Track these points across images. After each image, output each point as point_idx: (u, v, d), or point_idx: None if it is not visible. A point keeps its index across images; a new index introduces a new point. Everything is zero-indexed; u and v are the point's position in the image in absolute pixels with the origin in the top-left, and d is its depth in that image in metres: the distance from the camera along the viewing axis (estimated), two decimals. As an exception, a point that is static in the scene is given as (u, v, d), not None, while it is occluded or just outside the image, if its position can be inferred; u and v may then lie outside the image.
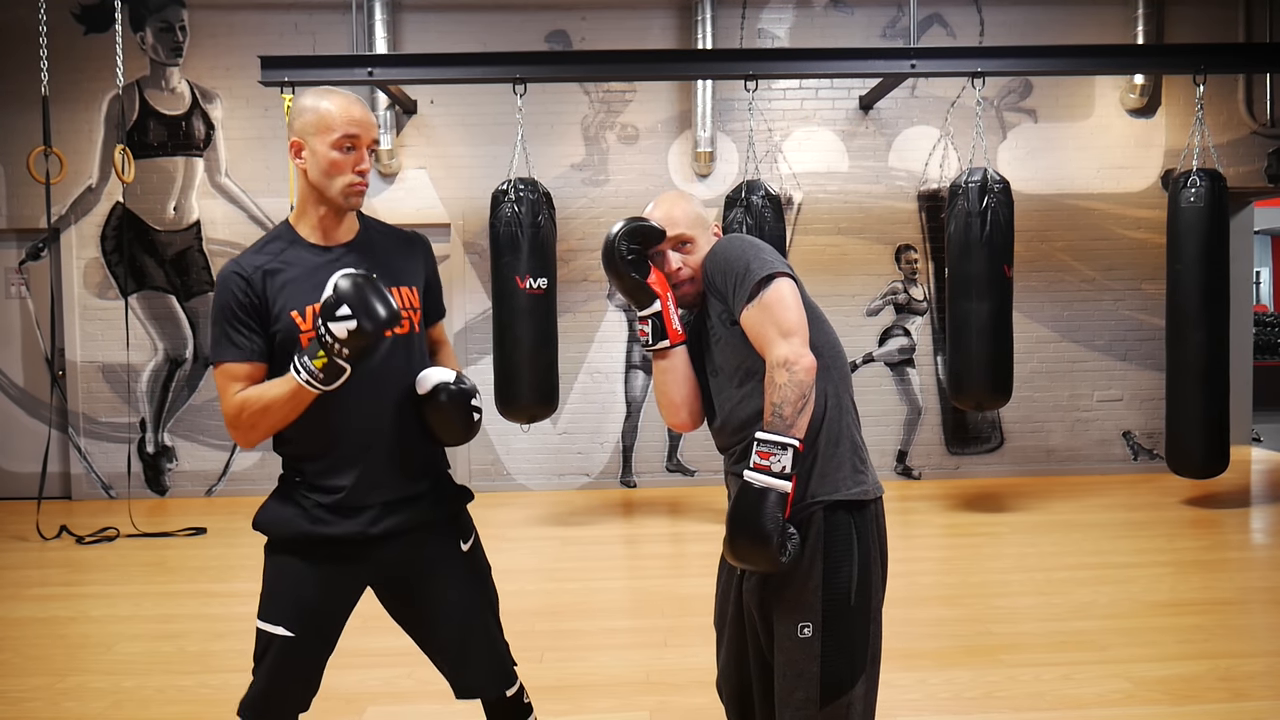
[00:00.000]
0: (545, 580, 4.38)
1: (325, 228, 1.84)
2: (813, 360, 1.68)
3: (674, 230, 1.91)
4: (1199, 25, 6.50)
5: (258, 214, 6.38)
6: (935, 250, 6.50)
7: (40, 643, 3.70)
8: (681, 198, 1.98)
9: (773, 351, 1.69)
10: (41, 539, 5.28)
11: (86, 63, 6.26)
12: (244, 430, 1.79)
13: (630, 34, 6.32)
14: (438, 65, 5.47)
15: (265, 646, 1.84)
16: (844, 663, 1.73)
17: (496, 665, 1.97)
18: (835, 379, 1.81)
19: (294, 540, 1.83)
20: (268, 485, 1.89)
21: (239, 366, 1.78)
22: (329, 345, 1.68)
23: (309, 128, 1.79)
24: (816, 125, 6.49)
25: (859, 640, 1.74)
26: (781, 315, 1.71)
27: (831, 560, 1.74)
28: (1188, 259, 5.16)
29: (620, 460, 6.52)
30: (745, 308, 1.74)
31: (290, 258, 1.81)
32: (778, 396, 1.66)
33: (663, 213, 1.94)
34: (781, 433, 1.65)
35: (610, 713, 2.98)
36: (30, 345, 6.46)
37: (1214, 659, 3.27)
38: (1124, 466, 6.65)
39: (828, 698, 1.72)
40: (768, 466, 1.64)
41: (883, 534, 1.84)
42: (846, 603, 1.73)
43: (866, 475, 1.80)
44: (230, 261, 1.82)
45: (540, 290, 5.07)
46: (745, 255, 1.78)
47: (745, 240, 1.85)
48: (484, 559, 2.01)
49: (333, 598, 1.87)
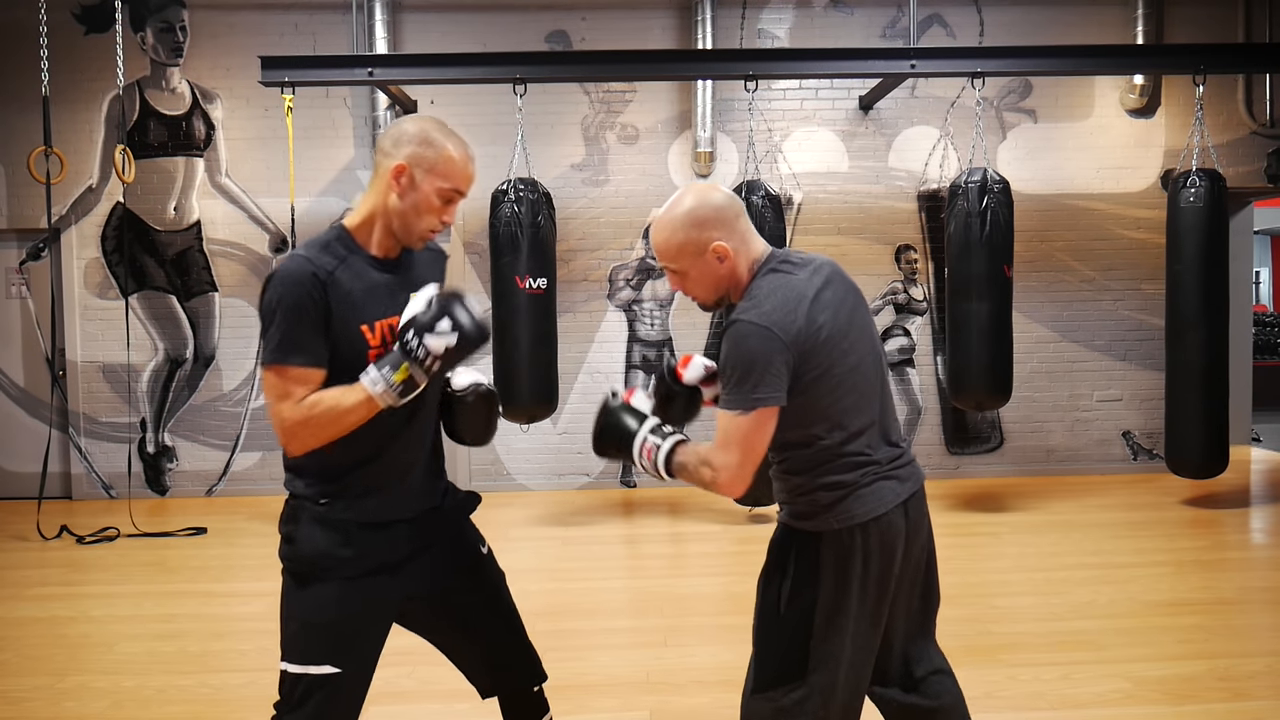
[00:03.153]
0: (545, 580, 4.38)
1: (385, 246, 1.79)
2: (735, 493, 1.80)
3: (661, 261, 1.89)
4: (1199, 25, 6.50)
5: (258, 214, 6.38)
6: (935, 250, 6.50)
7: (40, 643, 3.70)
8: (670, 222, 1.83)
9: (717, 454, 1.77)
10: (42, 539, 5.28)
11: (87, 63, 6.26)
12: (303, 439, 1.69)
13: (630, 34, 6.32)
14: (438, 65, 5.47)
15: (305, 691, 1.73)
16: (774, 663, 1.84)
17: (532, 657, 2.01)
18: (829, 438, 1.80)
19: (335, 567, 1.75)
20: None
21: (308, 372, 1.68)
22: (420, 360, 1.65)
23: (424, 163, 1.72)
24: (816, 125, 6.50)
25: (790, 653, 1.81)
26: (740, 440, 1.75)
27: (774, 574, 1.88)
28: (1187, 259, 5.16)
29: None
30: (725, 411, 1.78)
31: (354, 266, 1.74)
32: (692, 466, 1.80)
33: (651, 236, 1.92)
34: (669, 472, 1.84)
35: (610, 713, 2.98)
36: (31, 345, 6.47)
37: (1214, 659, 3.27)
38: (1123, 466, 6.65)
39: (757, 688, 1.86)
40: (643, 455, 1.87)
41: (875, 560, 1.79)
42: (775, 611, 1.85)
43: (843, 507, 1.79)
44: (298, 259, 1.70)
45: (540, 290, 5.07)
46: (747, 368, 1.73)
47: (750, 343, 1.73)
48: (498, 565, 2.04)
49: (376, 622, 1.82)
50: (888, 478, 1.81)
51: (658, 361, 6.50)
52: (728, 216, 1.82)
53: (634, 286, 6.49)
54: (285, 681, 1.76)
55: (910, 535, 1.84)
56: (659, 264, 1.95)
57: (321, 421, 1.68)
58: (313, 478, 1.78)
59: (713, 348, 6.47)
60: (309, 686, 1.74)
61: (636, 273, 6.48)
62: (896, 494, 1.82)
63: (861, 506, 1.78)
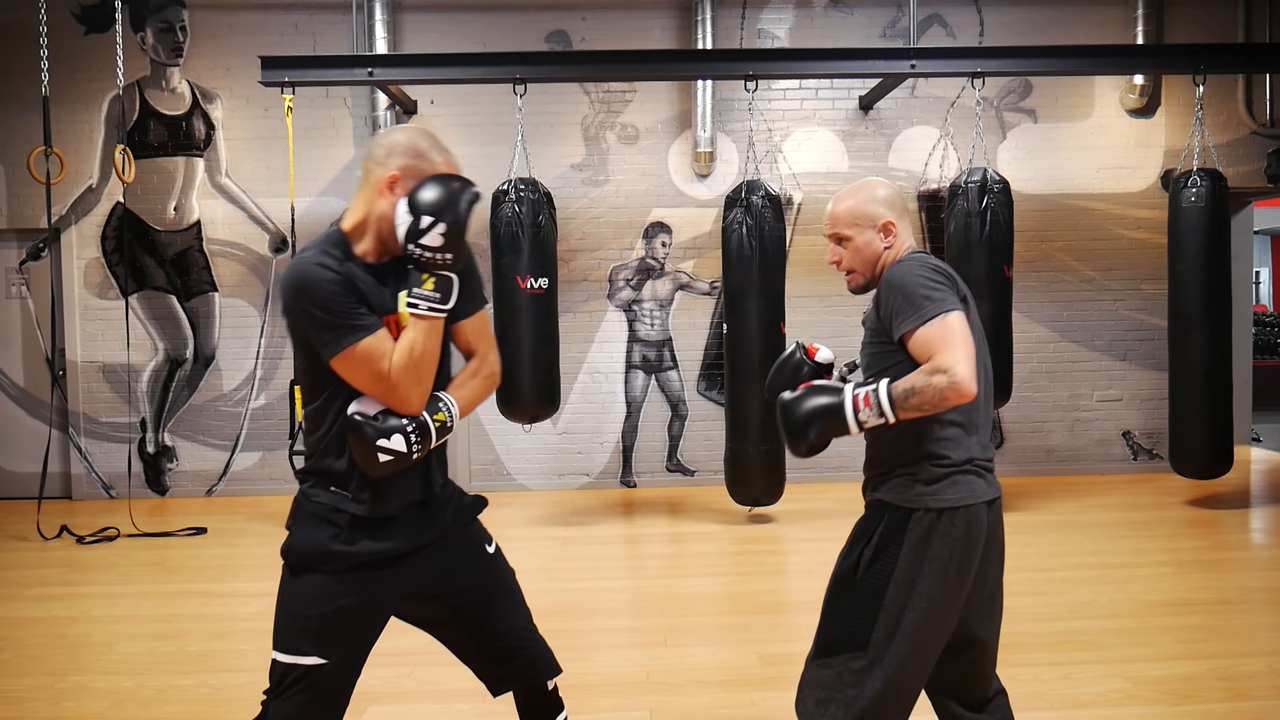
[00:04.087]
0: (545, 580, 4.38)
1: (378, 251, 1.83)
2: (972, 390, 1.73)
3: (830, 228, 2.02)
4: (1199, 25, 6.50)
5: (258, 214, 6.38)
6: (935, 250, 6.49)
7: (40, 643, 3.70)
8: (852, 193, 2.01)
9: (943, 356, 1.74)
10: (42, 539, 5.28)
11: (87, 63, 6.26)
12: (414, 395, 1.74)
13: (630, 34, 6.32)
14: (438, 65, 5.47)
15: (292, 681, 1.76)
16: (841, 629, 1.87)
17: (544, 652, 2.02)
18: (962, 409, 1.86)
19: (327, 561, 1.78)
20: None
21: (373, 341, 1.73)
22: (429, 261, 1.72)
23: (416, 174, 1.77)
24: (816, 125, 6.50)
25: (857, 617, 1.85)
26: (957, 338, 1.77)
27: (858, 540, 1.91)
28: (1188, 259, 5.16)
29: (620, 460, 6.53)
30: (926, 324, 1.78)
31: (350, 270, 1.77)
32: (920, 384, 1.74)
33: (829, 209, 2.03)
34: (893, 407, 1.77)
35: (610, 713, 2.98)
36: (31, 345, 6.47)
37: (1214, 659, 3.27)
38: (1124, 466, 6.65)
39: (819, 653, 1.90)
40: (857, 410, 1.80)
41: (959, 546, 1.84)
42: (851, 576, 1.89)
43: (939, 488, 1.85)
44: (300, 262, 1.75)
45: (541, 290, 5.07)
46: (916, 291, 1.81)
47: (919, 271, 1.85)
48: (507, 562, 2.04)
49: (367, 617, 1.83)
50: (980, 473, 1.89)
51: (657, 361, 6.50)
52: (899, 206, 2.00)
53: (634, 286, 6.49)
54: (275, 670, 1.80)
55: (990, 536, 1.92)
56: (827, 231, 2.04)
57: (415, 369, 1.74)
58: (317, 473, 1.82)
59: (713, 348, 6.48)
60: (296, 677, 1.77)
61: (636, 273, 6.48)
62: (985, 491, 1.90)
63: (955, 492, 1.85)
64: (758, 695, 3.07)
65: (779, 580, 4.58)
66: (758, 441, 5.09)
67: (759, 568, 4.67)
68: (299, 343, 1.80)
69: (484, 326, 1.95)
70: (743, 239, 5.03)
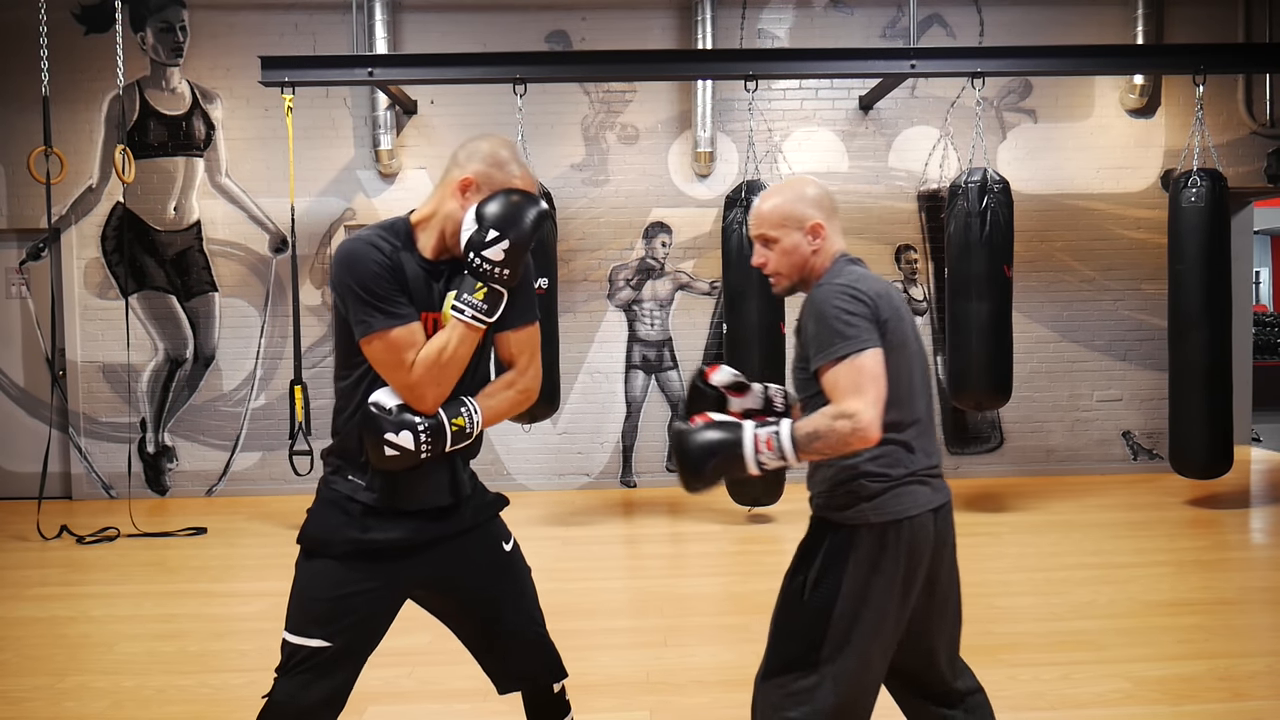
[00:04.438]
0: (545, 580, 4.35)
1: (437, 249, 1.84)
2: (875, 436, 1.70)
3: (755, 229, 1.98)
4: (1199, 25, 6.50)
5: (258, 214, 6.38)
6: (935, 250, 6.50)
7: (40, 643, 3.70)
8: (778, 191, 1.98)
9: (849, 401, 1.70)
10: (42, 539, 5.28)
11: (87, 63, 6.26)
12: (428, 386, 1.74)
13: (630, 34, 6.32)
14: (438, 65, 5.47)
15: (297, 661, 1.79)
16: (789, 649, 1.87)
17: (552, 655, 2.03)
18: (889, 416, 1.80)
19: (339, 546, 1.81)
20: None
21: (407, 330, 1.74)
22: (487, 274, 1.74)
23: (491, 182, 1.80)
24: (816, 125, 6.50)
25: (805, 635, 1.84)
26: (868, 379, 1.72)
27: (804, 560, 1.91)
28: (1188, 259, 5.16)
29: (620, 460, 6.53)
30: (838, 363, 1.75)
31: (402, 259, 1.79)
32: (823, 429, 1.70)
33: (755, 207, 2.00)
34: (795, 451, 1.72)
35: (610, 713, 2.98)
36: (31, 345, 6.47)
37: (1214, 659, 3.27)
38: (1124, 466, 6.65)
39: (768, 673, 1.90)
40: (759, 451, 1.74)
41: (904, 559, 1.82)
42: (799, 597, 1.88)
43: (881, 501, 1.82)
44: (354, 240, 1.78)
45: (540, 290, 5.07)
46: (844, 320, 1.77)
47: (837, 301, 1.80)
48: (525, 561, 2.05)
49: (374, 604, 1.84)
50: (924, 482, 1.86)
51: (657, 361, 6.50)
52: (828, 206, 1.97)
53: (634, 286, 6.49)
54: (284, 649, 1.82)
55: (937, 544, 1.89)
56: (751, 232, 2.01)
57: (439, 370, 1.75)
58: (339, 460, 1.85)
59: (713, 347, 6.48)
60: (302, 657, 1.80)
61: (636, 273, 6.48)
62: (929, 500, 1.86)
63: (898, 504, 1.83)
64: (758, 695, 3.07)
65: (779, 580, 4.55)
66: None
67: (759, 568, 4.67)
68: (339, 317, 1.82)
69: (529, 341, 1.91)
70: (743, 239, 5.03)
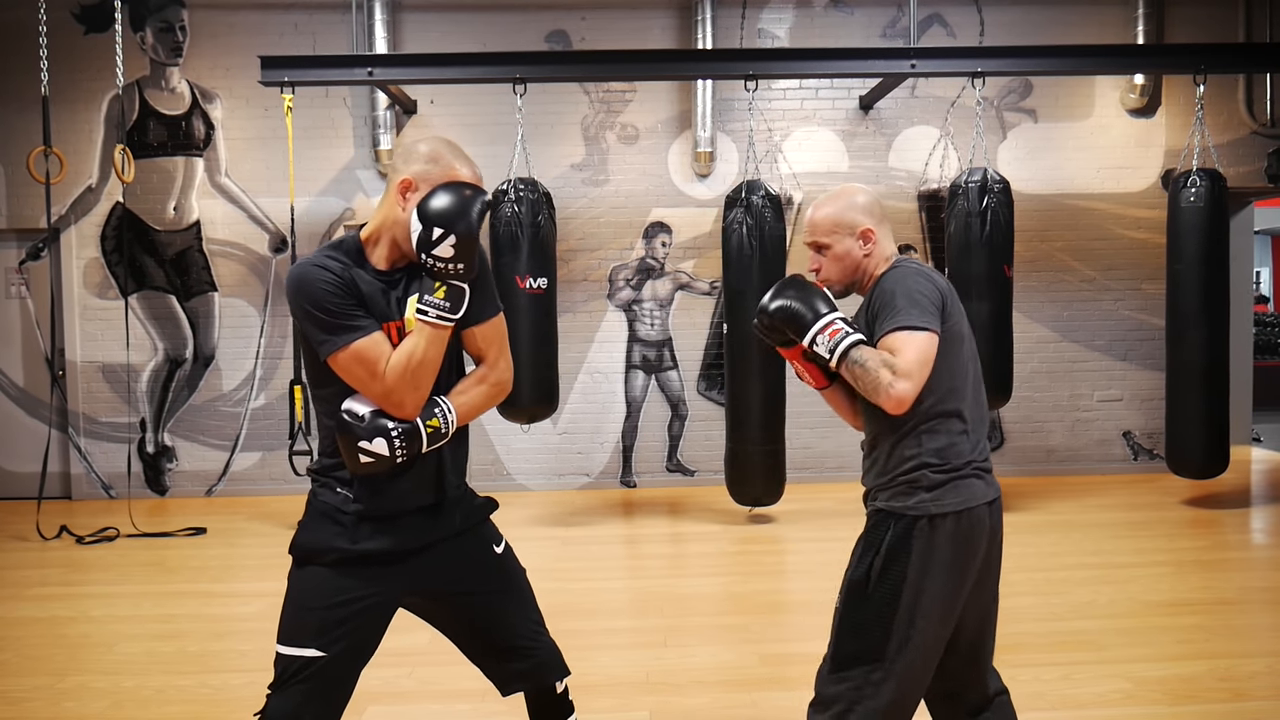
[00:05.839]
0: (545, 580, 4.35)
1: (391, 258, 1.83)
2: (902, 409, 1.81)
3: (810, 236, 2.04)
4: (1199, 25, 6.50)
5: (258, 214, 6.38)
6: (935, 250, 6.50)
7: (40, 643, 3.70)
8: (832, 200, 2.03)
9: (905, 361, 1.80)
10: (41, 539, 5.28)
11: (86, 63, 6.26)
12: (410, 399, 1.75)
13: (630, 34, 6.32)
14: (438, 65, 5.47)
15: (291, 673, 1.77)
16: (858, 641, 1.87)
17: (553, 653, 2.02)
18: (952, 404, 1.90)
19: (330, 555, 1.80)
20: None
21: (369, 342, 1.74)
22: (442, 271, 1.73)
23: (430, 179, 1.77)
24: (816, 125, 6.49)
25: (873, 629, 1.85)
26: (920, 353, 1.82)
27: (867, 552, 1.92)
28: (1188, 259, 5.16)
29: (620, 460, 6.53)
30: (900, 330, 1.84)
31: (354, 275, 1.78)
32: (873, 366, 1.81)
33: (809, 216, 2.06)
34: (841, 358, 1.84)
35: (610, 713, 2.97)
36: (30, 345, 6.46)
37: (1214, 659, 3.27)
38: (1124, 466, 6.65)
39: (835, 667, 1.89)
40: (823, 330, 1.87)
41: (963, 550, 1.88)
42: (863, 589, 1.88)
43: (941, 492, 1.87)
44: (302, 264, 1.77)
45: (540, 290, 5.07)
46: (906, 297, 1.87)
47: (914, 280, 1.90)
48: (518, 562, 2.04)
49: (366, 613, 1.83)
50: (979, 476, 1.92)
51: (657, 361, 6.50)
52: (878, 213, 2.04)
53: (634, 286, 6.48)
54: (277, 663, 1.81)
55: (991, 538, 1.94)
56: (805, 240, 2.07)
57: (412, 375, 1.74)
58: (327, 469, 1.84)
59: (713, 348, 6.48)
60: (296, 669, 1.78)
61: (636, 273, 6.48)
62: (984, 493, 1.92)
63: (956, 496, 1.88)
64: (758, 695, 3.07)
65: (779, 580, 4.58)
66: (758, 441, 5.09)
67: (759, 568, 4.67)
68: (304, 341, 1.82)
69: (495, 333, 1.90)
70: (743, 239, 5.03)
